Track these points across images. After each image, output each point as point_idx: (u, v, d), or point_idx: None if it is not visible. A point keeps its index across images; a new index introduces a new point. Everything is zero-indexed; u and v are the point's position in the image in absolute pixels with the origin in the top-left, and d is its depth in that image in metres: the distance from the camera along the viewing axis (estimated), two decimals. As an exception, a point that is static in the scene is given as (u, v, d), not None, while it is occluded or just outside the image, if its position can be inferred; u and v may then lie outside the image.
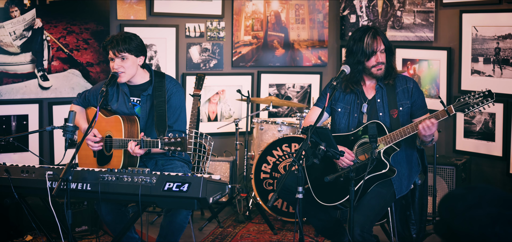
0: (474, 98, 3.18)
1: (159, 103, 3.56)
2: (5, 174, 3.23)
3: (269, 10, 5.73)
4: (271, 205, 3.29)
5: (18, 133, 4.80)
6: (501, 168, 4.74)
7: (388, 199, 3.38)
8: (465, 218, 1.45)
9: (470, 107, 3.18)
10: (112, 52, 3.50)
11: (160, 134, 3.40)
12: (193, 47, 5.51)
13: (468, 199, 1.48)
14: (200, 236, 4.53)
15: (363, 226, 3.19)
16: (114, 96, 3.71)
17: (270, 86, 5.81)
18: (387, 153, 3.31)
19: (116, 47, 3.48)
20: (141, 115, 3.64)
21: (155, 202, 3.08)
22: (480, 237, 1.42)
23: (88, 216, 4.55)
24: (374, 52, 3.40)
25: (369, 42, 3.40)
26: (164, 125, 3.49)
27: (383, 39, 3.43)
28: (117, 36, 3.53)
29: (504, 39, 4.62)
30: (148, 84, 3.66)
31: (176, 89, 3.65)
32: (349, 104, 3.52)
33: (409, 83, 3.49)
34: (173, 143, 3.16)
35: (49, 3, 4.86)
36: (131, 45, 3.51)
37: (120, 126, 3.54)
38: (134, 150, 3.33)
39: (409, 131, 3.26)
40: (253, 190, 4.84)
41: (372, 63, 3.42)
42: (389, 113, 3.42)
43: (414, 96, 3.45)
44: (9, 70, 4.77)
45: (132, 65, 3.55)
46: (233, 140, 5.41)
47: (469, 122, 4.91)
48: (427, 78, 5.19)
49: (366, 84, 3.53)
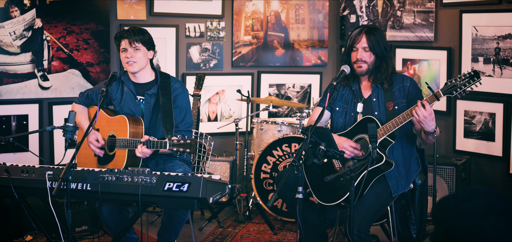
0: (461, 80, 3.17)
1: (165, 101, 3.60)
2: (5, 174, 3.23)
3: (269, 10, 5.73)
4: (271, 205, 3.29)
5: (18, 133, 4.80)
6: (501, 168, 4.73)
7: (385, 199, 3.37)
8: (458, 211, 1.47)
9: (458, 88, 3.17)
10: (128, 41, 3.58)
11: (168, 133, 3.42)
12: (193, 47, 5.51)
13: (459, 196, 1.52)
14: (200, 236, 4.53)
15: (359, 226, 3.19)
16: (118, 95, 3.72)
17: (270, 86, 5.81)
18: (383, 146, 3.31)
19: (131, 37, 3.57)
20: (145, 114, 3.67)
21: (155, 202, 3.08)
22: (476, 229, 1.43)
23: (88, 216, 4.55)
24: (354, 47, 3.42)
25: (353, 36, 3.44)
26: (171, 123, 3.51)
27: (370, 39, 3.39)
28: (132, 29, 3.63)
29: (504, 39, 4.62)
30: (153, 83, 3.70)
31: (182, 90, 3.70)
32: (347, 103, 3.53)
33: (406, 81, 3.47)
34: (182, 144, 3.17)
35: (49, 3, 4.86)
36: (145, 37, 3.64)
37: (125, 126, 3.55)
38: (142, 151, 3.33)
39: (401, 120, 3.22)
40: (253, 190, 4.84)
41: (353, 59, 3.45)
42: (385, 106, 3.41)
43: (411, 94, 3.43)
44: (9, 70, 4.77)
45: (144, 57, 3.63)
46: (233, 140, 5.41)
47: (469, 122, 4.91)
48: (427, 78, 5.19)
49: (362, 83, 3.53)
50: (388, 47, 3.47)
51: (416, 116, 3.15)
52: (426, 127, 3.19)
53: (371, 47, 3.40)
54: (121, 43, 3.61)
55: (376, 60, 3.43)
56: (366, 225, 3.24)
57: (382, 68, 3.43)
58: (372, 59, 3.42)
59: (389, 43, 3.89)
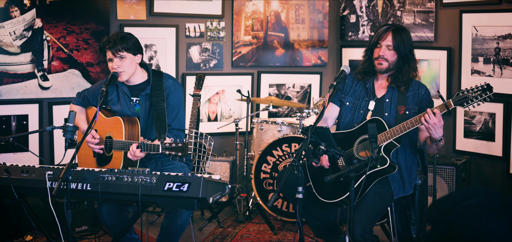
0: (473, 92, 3.15)
1: (157, 102, 3.56)
2: (5, 174, 3.23)
3: (269, 10, 5.73)
4: (271, 205, 3.29)
5: (18, 133, 4.80)
6: (501, 168, 4.73)
7: (387, 199, 3.38)
8: (458, 210, 1.48)
9: (469, 101, 3.15)
10: (111, 52, 3.49)
11: (160, 135, 3.40)
12: (193, 47, 5.51)
13: (455, 196, 1.53)
14: (200, 236, 4.53)
15: (364, 226, 3.18)
16: (114, 97, 3.70)
17: (270, 86, 5.81)
18: (388, 149, 3.31)
19: (114, 47, 3.47)
20: (141, 115, 3.64)
21: (155, 202, 3.08)
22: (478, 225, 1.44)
23: (88, 216, 4.55)
24: (378, 44, 3.42)
25: (380, 33, 3.45)
26: (163, 125, 3.48)
27: (396, 38, 3.39)
28: (113, 36, 3.52)
29: (504, 39, 4.62)
30: (146, 83, 3.66)
31: (174, 87, 3.65)
32: (358, 100, 3.52)
33: (421, 89, 3.46)
34: (173, 148, 3.15)
35: (49, 3, 4.86)
36: (128, 43, 3.51)
37: (120, 127, 3.54)
38: (135, 153, 3.32)
39: (409, 126, 3.23)
40: (253, 190, 4.84)
41: (375, 55, 3.45)
42: (396, 109, 3.42)
43: (423, 102, 3.42)
44: (9, 70, 4.77)
45: (131, 64, 3.55)
46: (233, 140, 5.41)
47: (469, 122, 4.91)
48: (427, 78, 5.19)
49: (378, 81, 3.52)
50: (412, 50, 3.46)
51: (425, 123, 3.15)
52: (434, 134, 3.18)
53: (395, 46, 3.40)
54: (107, 54, 3.53)
55: (399, 61, 3.43)
56: (370, 225, 3.24)
57: (404, 70, 3.43)
58: (394, 59, 3.42)
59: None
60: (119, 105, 3.67)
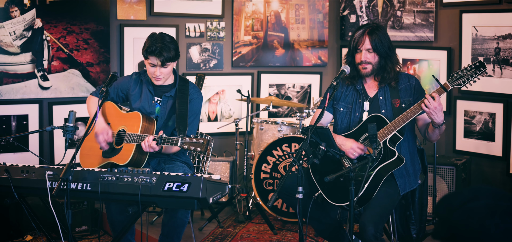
0: (467, 71, 3.21)
1: (181, 104, 3.64)
2: (5, 174, 3.23)
3: (269, 10, 5.73)
4: (271, 205, 3.29)
5: (18, 133, 4.80)
6: (501, 168, 4.74)
7: (395, 198, 3.38)
8: (463, 210, 1.47)
9: (465, 80, 3.21)
10: (160, 60, 3.55)
11: (181, 132, 3.45)
12: (193, 47, 5.51)
13: (464, 194, 1.51)
14: (200, 236, 4.53)
15: (377, 226, 3.15)
16: (136, 93, 3.77)
17: (270, 86, 5.81)
18: (393, 142, 3.31)
19: (162, 57, 3.53)
20: (160, 115, 3.71)
21: (155, 202, 3.08)
22: (480, 228, 1.43)
23: (88, 216, 4.55)
24: (358, 49, 3.42)
25: (356, 38, 3.44)
26: (184, 123, 3.56)
27: (373, 40, 3.38)
28: (163, 47, 3.54)
29: (504, 39, 4.62)
30: (171, 86, 3.75)
31: (197, 96, 3.76)
32: (351, 104, 3.52)
33: (411, 80, 3.49)
34: (194, 143, 3.17)
35: (49, 3, 4.86)
36: (176, 55, 3.63)
37: (138, 122, 3.58)
38: (150, 144, 3.36)
39: (411, 115, 3.23)
40: (253, 190, 4.84)
41: (357, 60, 3.45)
42: (392, 103, 3.42)
43: (417, 93, 3.45)
44: (9, 70, 4.77)
45: (171, 70, 3.68)
46: (233, 140, 5.41)
47: (469, 122, 4.91)
48: (427, 78, 5.19)
49: (367, 82, 3.53)
50: (391, 45, 3.46)
51: (426, 108, 3.16)
52: (436, 118, 3.19)
53: (374, 47, 3.39)
54: (151, 58, 3.58)
55: (381, 60, 3.43)
56: (382, 225, 3.24)
57: (388, 67, 3.43)
58: (377, 59, 3.43)
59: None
60: (139, 102, 3.73)
